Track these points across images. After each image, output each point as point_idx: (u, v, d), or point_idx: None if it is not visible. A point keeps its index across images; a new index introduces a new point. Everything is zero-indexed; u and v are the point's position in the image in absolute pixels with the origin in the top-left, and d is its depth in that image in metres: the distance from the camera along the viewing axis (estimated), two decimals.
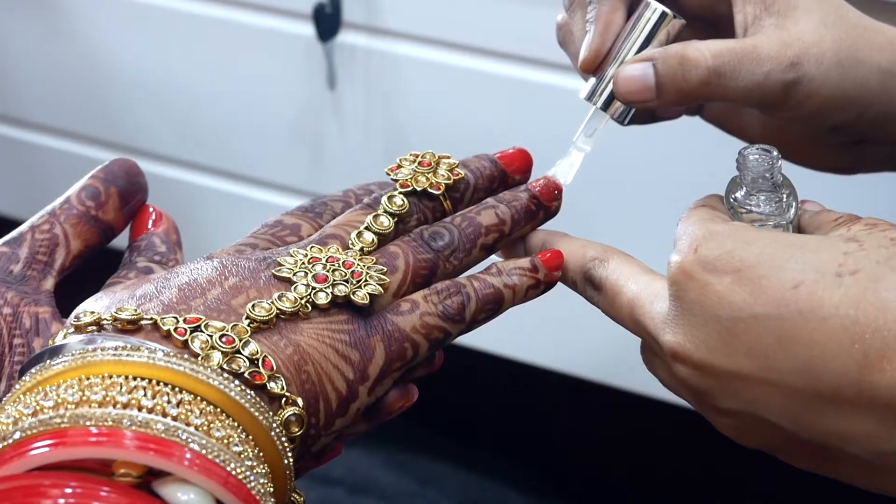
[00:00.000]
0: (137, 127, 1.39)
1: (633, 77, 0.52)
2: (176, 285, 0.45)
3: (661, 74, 0.51)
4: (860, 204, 0.95)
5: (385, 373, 0.46)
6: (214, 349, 0.42)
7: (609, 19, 0.53)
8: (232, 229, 1.40)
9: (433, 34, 1.15)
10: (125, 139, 1.41)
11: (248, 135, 1.32)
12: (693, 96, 0.51)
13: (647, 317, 0.47)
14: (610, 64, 0.54)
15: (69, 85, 1.41)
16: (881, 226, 0.44)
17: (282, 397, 0.42)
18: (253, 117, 1.30)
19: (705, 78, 0.50)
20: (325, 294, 0.46)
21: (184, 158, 1.39)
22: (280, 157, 1.31)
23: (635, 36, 0.53)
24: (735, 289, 0.43)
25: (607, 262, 0.50)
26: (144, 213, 0.52)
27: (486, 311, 0.49)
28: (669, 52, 0.51)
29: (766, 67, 0.50)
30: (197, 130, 1.35)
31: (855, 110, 0.52)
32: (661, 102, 0.52)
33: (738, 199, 0.49)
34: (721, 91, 0.51)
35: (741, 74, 0.50)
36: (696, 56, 0.50)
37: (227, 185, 1.37)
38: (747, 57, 0.50)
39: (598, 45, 0.53)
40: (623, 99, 0.53)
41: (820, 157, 0.57)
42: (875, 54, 0.52)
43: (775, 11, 0.51)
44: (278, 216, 0.52)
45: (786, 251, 0.43)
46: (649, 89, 0.51)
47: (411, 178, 0.52)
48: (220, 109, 1.32)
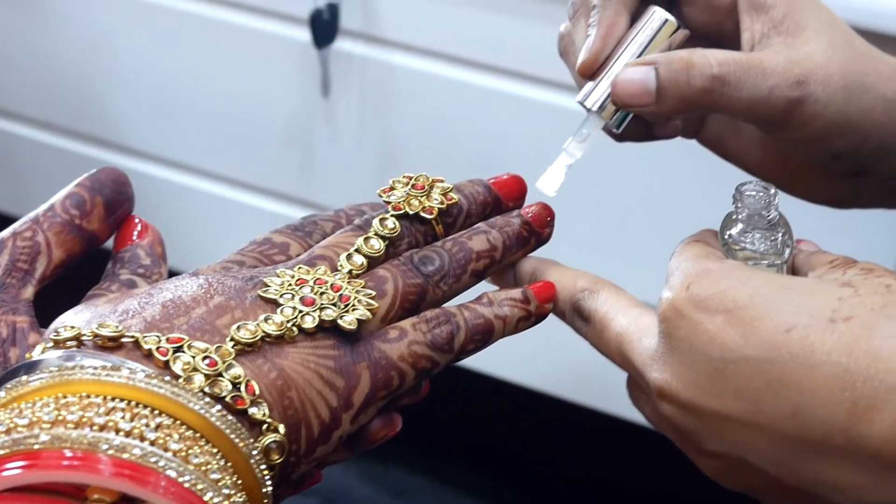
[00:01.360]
0: (127, 124, 1.38)
1: (633, 80, 0.51)
2: (160, 302, 0.44)
3: (662, 79, 0.50)
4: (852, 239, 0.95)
5: (370, 401, 0.45)
6: (196, 371, 0.41)
7: (612, 24, 0.52)
8: (219, 232, 1.40)
9: (430, 45, 1.14)
10: (114, 136, 1.40)
11: (238, 138, 1.31)
12: (694, 104, 0.50)
13: (634, 352, 0.46)
14: (609, 69, 0.53)
15: (58, 79, 1.40)
16: (877, 271, 0.43)
17: (263, 423, 0.42)
18: (244, 120, 1.30)
19: (708, 85, 0.50)
20: (311, 318, 0.45)
21: (172, 158, 1.38)
22: (270, 162, 1.31)
23: (637, 42, 0.53)
24: (726, 329, 0.42)
25: (597, 293, 0.49)
26: (130, 224, 0.51)
27: (476, 342, 0.48)
28: (673, 56, 0.50)
29: (771, 82, 0.50)
30: (187, 130, 1.35)
31: (857, 138, 0.52)
32: (660, 109, 0.51)
33: (733, 235, 0.49)
34: (723, 101, 0.50)
35: (746, 86, 0.50)
36: (701, 62, 0.50)
37: (216, 187, 1.36)
38: (753, 69, 0.50)
39: (598, 48, 0.52)
40: (621, 102, 0.51)
41: (818, 188, 0.56)
42: (881, 83, 0.52)
43: (784, 30, 0.51)
44: (267, 234, 0.51)
45: (780, 293, 0.42)
46: (649, 93, 0.50)
47: (404, 201, 0.51)
48: (211, 110, 1.31)
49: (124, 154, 1.40)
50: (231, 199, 1.35)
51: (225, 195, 1.36)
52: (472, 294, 0.51)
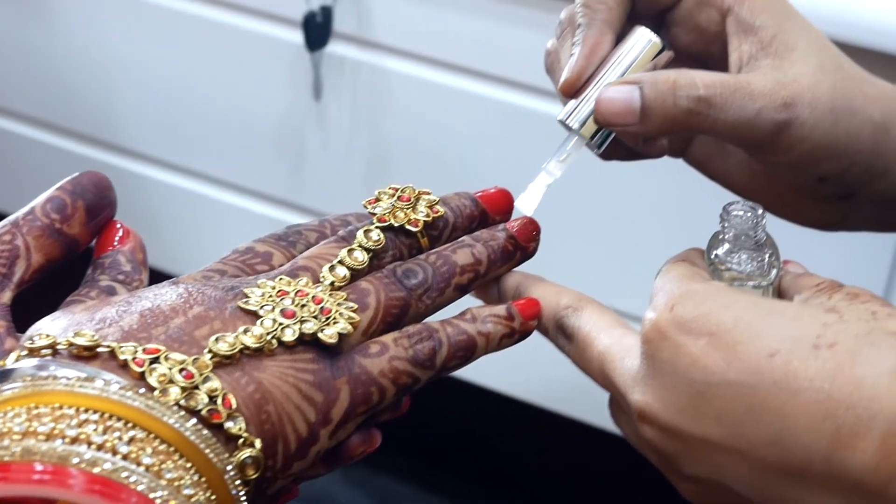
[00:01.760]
0: (118, 123, 1.38)
1: (618, 99, 0.50)
2: (138, 311, 0.44)
3: (647, 98, 0.49)
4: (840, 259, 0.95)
5: (348, 416, 0.45)
6: (172, 383, 0.40)
7: (596, 43, 0.52)
8: (207, 233, 1.39)
9: (423, 51, 1.14)
10: (105, 134, 1.39)
11: (228, 139, 1.31)
12: (679, 125, 0.50)
13: (616, 372, 0.45)
14: (592, 88, 0.52)
15: (49, 76, 1.39)
16: (863, 296, 0.43)
17: (239, 437, 0.41)
18: (235, 121, 1.29)
19: (694, 107, 0.49)
20: (291, 330, 0.44)
21: (162, 158, 1.37)
22: (260, 164, 1.30)
23: (622, 62, 0.52)
24: (709, 352, 0.41)
25: (581, 311, 0.49)
26: (111, 229, 0.51)
27: (458, 359, 0.48)
28: (659, 76, 0.50)
29: (758, 104, 0.49)
30: (177, 130, 1.34)
31: (844, 161, 0.51)
32: (644, 129, 0.50)
33: (720, 255, 0.48)
34: (709, 123, 0.50)
35: (732, 108, 0.49)
36: (688, 83, 0.49)
37: (205, 188, 1.36)
38: (740, 91, 0.49)
39: (581, 67, 0.52)
40: (604, 121, 0.51)
41: (804, 211, 0.56)
42: (869, 105, 0.51)
43: (772, 52, 0.50)
44: (250, 242, 0.51)
45: (764, 317, 0.41)
46: (633, 113, 0.50)
47: (389, 213, 0.51)
48: (202, 110, 1.30)
49: (115, 152, 1.40)
50: (220, 200, 1.35)
51: (213, 196, 1.35)
52: (455, 308, 0.51)
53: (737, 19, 0.52)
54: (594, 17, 0.52)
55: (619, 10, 0.52)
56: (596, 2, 0.52)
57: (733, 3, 0.52)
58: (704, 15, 0.53)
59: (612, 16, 0.52)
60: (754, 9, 0.51)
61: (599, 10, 0.52)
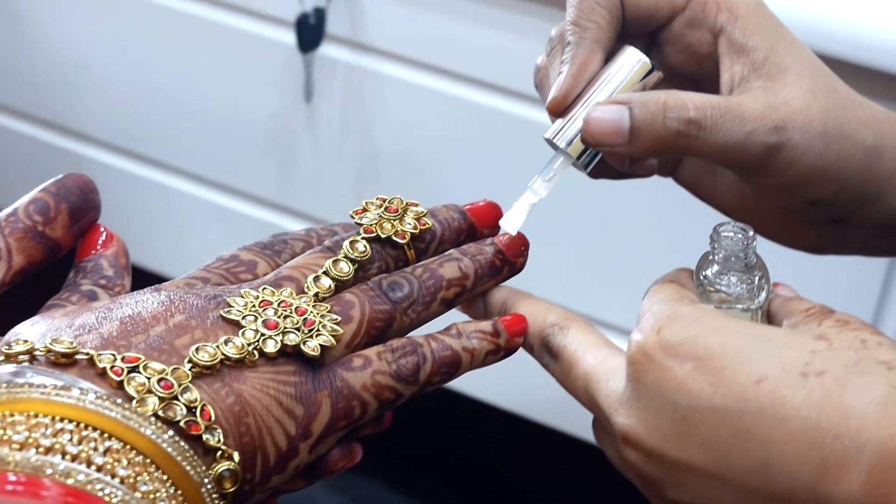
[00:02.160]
0: (106, 119, 1.37)
1: (606, 119, 0.49)
2: (118, 317, 0.43)
3: (637, 119, 0.49)
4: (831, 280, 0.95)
5: (329, 430, 0.44)
6: (151, 393, 0.40)
7: (584, 62, 0.51)
8: (193, 232, 1.38)
9: (417, 56, 1.13)
10: (91, 130, 1.39)
11: (216, 137, 1.30)
12: (668, 147, 0.49)
13: (601, 394, 0.45)
14: (580, 107, 0.51)
15: (36, 70, 1.38)
16: (853, 324, 0.42)
17: (217, 450, 0.41)
18: (223, 120, 1.28)
19: (684, 129, 0.48)
20: (273, 342, 0.44)
21: (149, 155, 1.36)
22: (247, 164, 1.29)
23: (610, 82, 0.51)
24: (695, 377, 0.41)
25: (567, 330, 0.48)
26: (94, 233, 0.50)
27: (442, 374, 0.47)
28: (649, 97, 0.49)
29: (749, 127, 0.49)
30: (165, 127, 1.33)
31: (835, 185, 0.51)
32: (632, 149, 0.49)
33: (709, 276, 0.48)
34: (698, 145, 0.49)
35: (722, 130, 0.48)
36: (678, 105, 0.49)
37: (192, 186, 1.35)
38: (731, 113, 0.49)
39: (569, 86, 0.51)
40: (592, 141, 0.50)
41: (794, 234, 0.56)
42: (861, 130, 0.51)
43: (764, 73, 0.50)
44: (235, 250, 0.50)
45: (752, 343, 0.41)
46: (621, 133, 0.49)
47: (376, 224, 0.50)
48: (190, 108, 1.30)
49: (100, 148, 1.39)
50: (206, 199, 1.34)
51: (200, 195, 1.35)
52: (441, 322, 0.50)
53: (729, 40, 0.51)
54: (584, 36, 0.51)
55: (610, 29, 0.52)
56: (586, 20, 0.51)
57: (726, 23, 0.51)
58: (696, 35, 0.52)
59: (602, 35, 0.51)
60: (747, 29, 0.51)
61: (589, 29, 0.51)
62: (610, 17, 0.51)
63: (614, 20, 0.52)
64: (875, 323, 0.99)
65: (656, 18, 0.53)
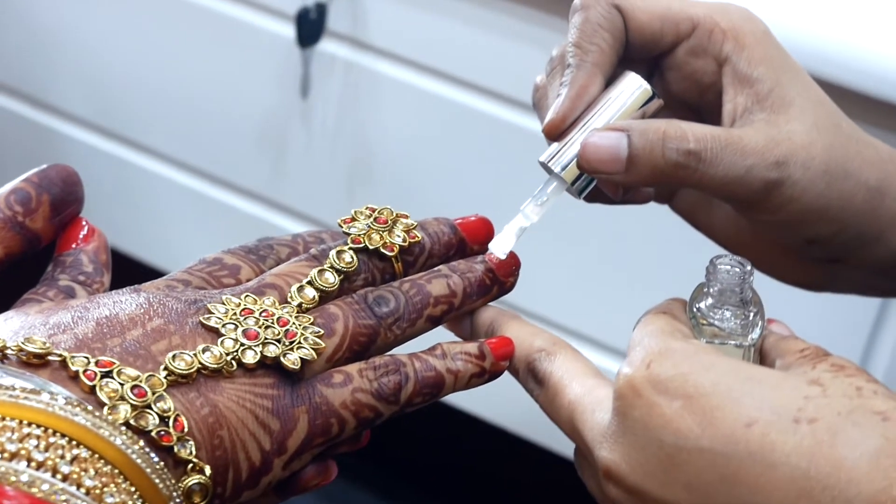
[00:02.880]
0: (97, 102, 1.36)
1: (604, 145, 0.48)
2: (94, 318, 0.42)
3: (635, 147, 0.48)
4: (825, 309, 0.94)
5: (305, 447, 0.43)
6: (123, 400, 0.39)
7: (584, 85, 0.50)
8: (180, 221, 1.37)
9: (418, 57, 1.12)
10: (83, 112, 1.37)
11: (209, 127, 1.29)
12: (666, 177, 0.48)
13: (585, 425, 0.44)
14: (577, 131, 0.50)
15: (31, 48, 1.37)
16: (848, 369, 0.41)
17: (188, 463, 0.40)
18: (217, 111, 1.27)
19: (683, 160, 0.47)
20: (253, 353, 0.43)
21: (139, 141, 1.35)
22: (239, 157, 1.28)
23: (609, 107, 0.50)
24: (684, 415, 0.40)
25: (554, 356, 0.47)
26: (76, 226, 0.49)
27: (424, 395, 0.46)
28: (649, 125, 0.48)
29: (749, 161, 0.48)
30: (157, 114, 1.32)
31: (835, 225, 0.50)
32: (629, 178, 0.48)
33: (702, 309, 0.47)
34: (697, 177, 0.48)
35: (722, 163, 0.47)
36: (678, 135, 0.48)
37: (181, 175, 1.34)
38: (732, 146, 0.48)
39: (566, 109, 0.50)
40: (588, 167, 0.49)
41: (790, 270, 0.55)
42: (865, 169, 0.50)
43: (768, 106, 0.49)
44: (219, 253, 0.49)
45: (744, 384, 0.40)
46: (619, 161, 0.48)
47: (364, 235, 0.49)
48: (184, 97, 1.29)
49: (89, 129, 1.38)
50: (194, 189, 1.33)
51: (188, 184, 1.33)
52: (426, 340, 0.49)
53: (734, 70, 0.50)
54: (584, 59, 0.50)
55: (612, 52, 0.50)
56: (588, 42, 0.50)
57: (731, 52, 0.50)
58: (700, 63, 0.51)
59: (604, 58, 0.50)
60: (752, 60, 0.50)
61: (591, 52, 0.50)
62: (612, 41, 0.50)
63: (617, 44, 0.51)
64: (866, 357, 0.98)
65: (660, 44, 0.51)
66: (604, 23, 0.50)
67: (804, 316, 0.70)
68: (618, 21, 0.51)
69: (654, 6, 0.51)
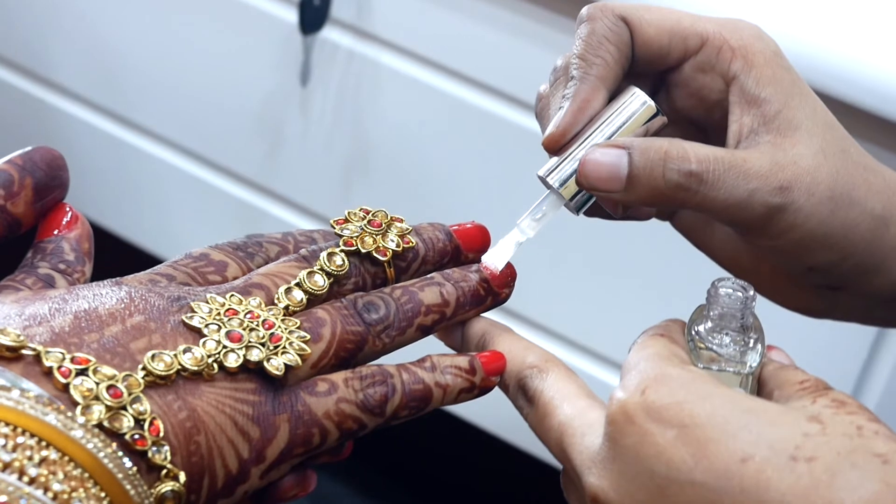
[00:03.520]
0: (89, 78, 1.34)
1: (604, 162, 0.47)
2: (73, 311, 0.41)
3: (635, 166, 0.46)
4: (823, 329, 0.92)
5: (284, 457, 0.42)
6: (98, 400, 0.38)
7: (587, 99, 0.49)
8: (171, 202, 1.35)
9: (421, 50, 1.10)
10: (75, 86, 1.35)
11: (205, 110, 1.27)
12: (665, 199, 0.47)
13: (574, 449, 0.42)
14: (577, 146, 0.49)
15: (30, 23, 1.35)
16: (849, 406, 0.40)
17: (162, 468, 0.38)
18: (214, 94, 1.25)
19: (684, 182, 0.46)
20: (235, 356, 0.41)
21: (131, 118, 1.33)
22: (235, 141, 1.27)
23: (611, 123, 0.49)
24: (678, 445, 0.39)
25: (546, 374, 0.46)
26: (59, 212, 0.47)
27: (410, 409, 0.45)
28: (650, 144, 0.47)
29: (752, 185, 0.46)
30: (152, 94, 1.30)
31: (838, 253, 0.49)
32: (628, 197, 0.47)
33: (701, 332, 0.45)
34: (698, 199, 0.47)
35: (724, 186, 0.46)
36: (680, 155, 0.46)
37: (174, 156, 1.32)
38: (735, 169, 0.46)
39: (568, 123, 0.48)
40: (587, 184, 0.47)
41: (789, 296, 0.53)
42: (871, 197, 0.48)
43: (774, 128, 0.47)
44: (206, 248, 0.47)
45: (741, 417, 0.39)
46: (618, 179, 0.47)
47: (357, 238, 0.48)
48: (181, 76, 1.27)
49: (83, 105, 1.36)
50: (187, 171, 1.31)
51: (181, 166, 1.31)
52: (415, 349, 0.48)
53: (741, 89, 0.49)
54: (588, 72, 0.49)
55: (617, 67, 0.49)
56: (593, 55, 0.49)
57: (739, 71, 0.49)
58: (708, 80, 0.50)
59: (609, 72, 0.49)
60: (761, 80, 0.48)
61: (595, 65, 0.49)
62: (618, 55, 0.49)
63: (622, 58, 0.49)
64: (860, 384, 0.97)
65: (667, 60, 0.50)
66: (610, 35, 0.49)
67: (799, 340, 0.69)
68: (624, 34, 0.49)
69: (663, 20, 0.50)
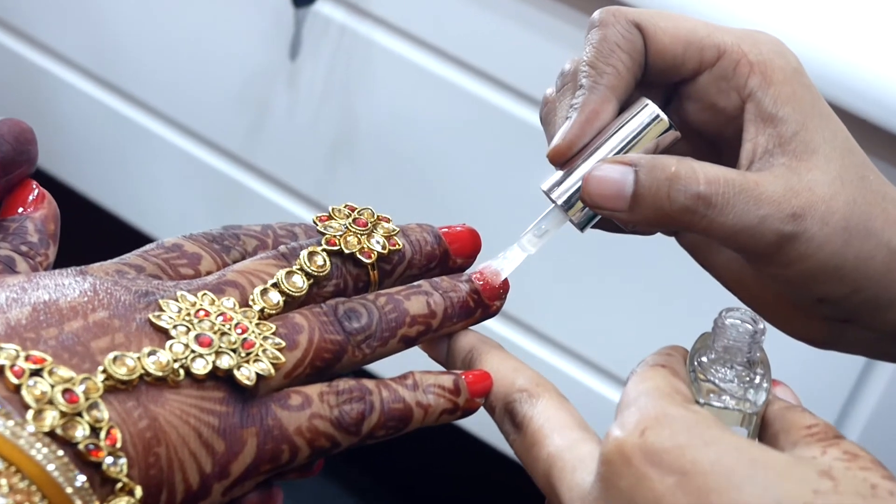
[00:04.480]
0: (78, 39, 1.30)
1: (608, 179, 0.44)
2: (31, 302, 0.38)
3: (641, 185, 0.44)
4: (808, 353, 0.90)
5: (250, 473, 0.39)
6: (52, 405, 0.35)
7: (595, 111, 0.46)
8: (149, 170, 1.32)
9: (416, 31, 1.07)
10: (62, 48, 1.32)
11: (191, 79, 1.24)
12: (671, 221, 0.44)
13: (563, 484, 0.40)
14: (584, 160, 0.46)
15: None
16: (862, 460, 0.37)
17: (117, 481, 0.35)
18: (201, 64, 1.22)
19: (691, 204, 0.43)
20: (204, 362, 0.38)
21: (114, 83, 1.30)
22: (219, 113, 1.23)
23: (621, 136, 0.46)
24: (676, 494, 0.36)
25: (536, 399, 0.43)
26: (25, 189, 0.44)
27: (388, 429, 0.42)
28: (658, 162, 0.44)
29: (763, 210, 0.43)
30: (138, 59, 1.27)
31: (850, 286, 0.46)
32: (632, 217, 0.44)
33: (703, 363, 0.43)
34: (705, 223, 0.44)
35: (733, 211, 0.43)
36: (688, 175, 0.43)
37: (156, 124, 1.29)
38: (745, 193, 0.43)
39: (574, 136, 0.46)
40: (590, 201, 0.45)
41: (796, 325, 0.50)
42: (888, 228, 0.45)
43: (790, 150, 0.45)
44: (179, 238, 0.44)
45: (747, 468, 0.36)
46: (623, 198, 0.44)
47: (341, 237, 0.45)
48: (167, 44, 1.24)
49: (68, 67, 1.32)
50: (168, 140, 1.28)
51: (163, 135, 1.28)
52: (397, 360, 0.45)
53: (758, 106, 0.46)
54: (598, 81, 0.45)
55: (629, 76, 0.46)
56: (604, 63, 0.46)
57: (757, 87, 0.46)
58: (723, 95, 0.47)
59: (620, 82, 0.46)
60: (779, 98, 0.45)
61: (606, 74, 0.46)
62: (631, 64, 0.46)
63: (635, 67, 0.46)
64: (846, 411, 0.94)
65: (682, 71, 0.47)
66: (622, 43, 0.46)
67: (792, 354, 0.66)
68: (638, 42, 0.46)
69: (679, 28, 0.47)
